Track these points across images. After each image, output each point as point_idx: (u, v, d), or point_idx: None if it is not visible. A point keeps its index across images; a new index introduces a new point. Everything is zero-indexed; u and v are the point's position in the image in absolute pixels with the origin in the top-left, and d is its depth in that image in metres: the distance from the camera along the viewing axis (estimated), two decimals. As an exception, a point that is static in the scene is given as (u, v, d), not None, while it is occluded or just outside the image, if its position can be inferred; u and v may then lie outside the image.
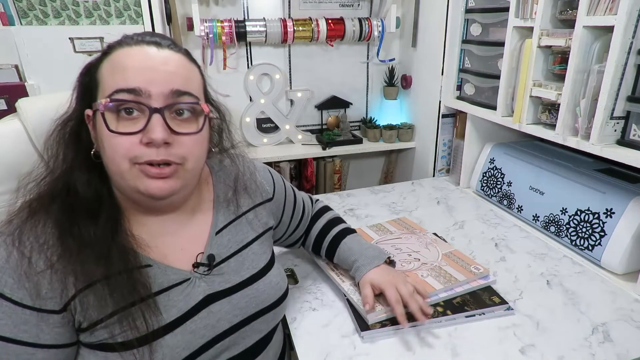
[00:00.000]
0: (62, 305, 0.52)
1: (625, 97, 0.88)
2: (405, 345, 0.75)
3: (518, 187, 1.23)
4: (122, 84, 0.52)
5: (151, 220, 0.62)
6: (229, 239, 0.67)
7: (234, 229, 0.69)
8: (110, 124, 0.52)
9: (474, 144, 1.43)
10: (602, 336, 0.77)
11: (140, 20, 1.44)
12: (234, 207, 0.70)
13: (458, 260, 0.94)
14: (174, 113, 0.55)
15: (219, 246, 0.66)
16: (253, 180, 0.74)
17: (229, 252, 0.66)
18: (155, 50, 0.55)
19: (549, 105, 1.07)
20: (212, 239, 0.66)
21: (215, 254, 0.64)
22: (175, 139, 0.54)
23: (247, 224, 0.71)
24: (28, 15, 1.35)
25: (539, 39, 1.04)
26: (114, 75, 0.54)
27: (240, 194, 0.72)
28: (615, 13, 0.83)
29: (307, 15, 1.65)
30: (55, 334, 0.53)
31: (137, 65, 0.53)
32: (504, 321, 0.81)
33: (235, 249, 0.67)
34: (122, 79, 0.53)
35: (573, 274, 0.96)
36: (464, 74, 1.43)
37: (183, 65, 0.57)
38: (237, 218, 0.70)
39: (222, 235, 0.67)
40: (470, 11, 1.35)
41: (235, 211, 0.70)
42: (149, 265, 0.59)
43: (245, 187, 0.72)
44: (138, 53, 0.55)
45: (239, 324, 0.64)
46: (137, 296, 0.54)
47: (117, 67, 0.54)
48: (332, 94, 1.83)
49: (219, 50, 1.61)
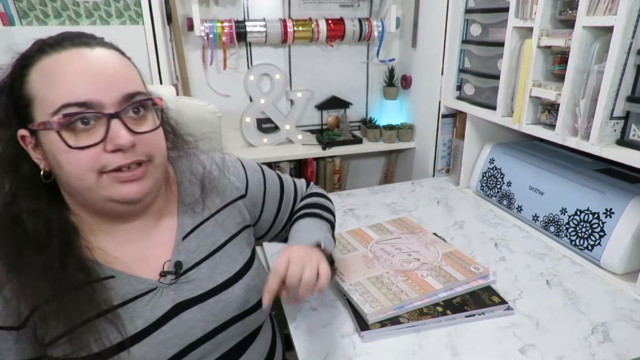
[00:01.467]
0: (20, 322, 0.52)
1: (624, 97, 0.88)
2: (405, 345, 0.76)
3: (518, 187, 1.23)
4: (68, 98, 0.49)
5: (116, 229, 0.59)
6: (198, 243, 0.64)
7: (203, 232, 0.65)
8: (68, 139, 0.49)
9: (473, 144, 1.43)
10: (601, 336, 0.77)
11: (141, 21, 1.44)
12: (201, 209, 0.66)
13: (458, 260, 0.94)
14: (130, 113, 0.53)
15: (187, 252, 0.63)
16: (222, 177, 0.70)
17: (200, 257, 0.63)
18: (88, 51, 0.52)
19: (548, 105, 1.07)
20: (179, 245, 0.62)
21: (183, 261, 0.62)
22: (138, 139, 0.52)
23: (217, 225, 0.67)
24: (28, 16, 1.35)
25: (539, 39, 1.04)
26: (55, 88, 0.49)
27: (208, 194, 0.67)
28: (615, 13, 0.83)
29: (307, 15, 1.66)
30: (16, 349, 0.53)
31: (77, 74, 0.50)
32: (504, 321, 0.81)
33: (206, 253, 0.64)
34: (65, 92, 0.49)
35: (573, 274, 0.96)
36: (464, 74, 1.44)
37: (121, 64, 0.54)
38: (206, 220, 0.66)
39: (190, 240, 0.64)
40: (470, 11, 1.35)
41: (202, 213, 0.66)
42: (111, 277, 0.57)
43: (213, 186, 0.68)
44: (72, 59, 0.50)
45: (214, 331, 0.62)
46: (96, 310, 0.53)
47: (53, 79, 0.49)
48: (332, 94, 1.83)
49: (219, 51, 1.61)
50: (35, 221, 0.53)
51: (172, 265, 0.61)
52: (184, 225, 0.64)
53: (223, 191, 0.69)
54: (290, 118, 1.77)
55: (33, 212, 0.53)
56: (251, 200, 0.74)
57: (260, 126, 1.77)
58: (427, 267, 0.92)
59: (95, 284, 0.55)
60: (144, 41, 1.42)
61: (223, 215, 0.68)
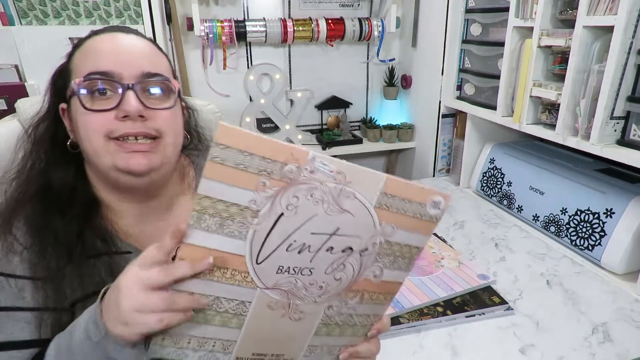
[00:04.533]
0: (40, 275, 0.54)
1: (625, 97, 0.88)
2: (405, 345, 0.75)
3: (518, 187, 1.23)
4: (93, 67, 0.54)
5: (130, 208, 0.62)
6: None
7: None
8: (85, 102, 0.54)
9: (474, 144, 1.43)
10: (602, 336, 0.77)
11: (140, 20, 1.44)
12: None
13: (405, 192, 0.47)
14: (146, 92, 0.56)
15: None
16: None
17: None
18: (122, 35, 0.58)
19: (549, 105, 1.07)
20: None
21: None
22: (149, 114, 0.55)
23: None
24: (28, 15, 1.35)
25: (539, 39, 1.04)
26: (86, 61, 0.56)
27: None
28: (615, 13, 0.83)
29: (307, 15, 1.65)
30: (33, 298, 0.55)
31: (106, 49, 0.56)
32: (504, 321, 0.81)
33: None
34: (93, 62, 0.55)
35: (573, 274, 0.96)
36: (464, 74, 1.43)
37: (150, 50, 0.59)
38: None
39: None
40: (470, 11, 1.35)
41: None
42: (129, 252, 0.60)
43: None
44: (106, 39, 0.57)
45: None
46: (112, 281, 0.55)
47: (87, 53, 0.56)
48: (332, 94, 1.83)
49: (219, 50, 1.61)
50: (63, 185, 0.58)
51: None
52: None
53: None
54: (290, 118, 1.77)
55: (62, 177, 0.58)
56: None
57: (260, 126, 1.77)
58: (369, 253, 0.48)
59: (116, 256, 0.58)
60: (143, 41, 1.42)
61: None
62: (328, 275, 0.48)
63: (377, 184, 0.45)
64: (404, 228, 0.48)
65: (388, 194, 0.45)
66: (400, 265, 0.51)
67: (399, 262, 0.51)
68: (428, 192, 0.47)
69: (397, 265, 0.51)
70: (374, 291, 0.52)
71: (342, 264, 0.48)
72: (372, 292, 0.52)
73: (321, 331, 0.53)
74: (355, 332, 0.56)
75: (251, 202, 0.41)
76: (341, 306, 0.52)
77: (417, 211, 0.48)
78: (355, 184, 0.44)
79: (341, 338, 0.55)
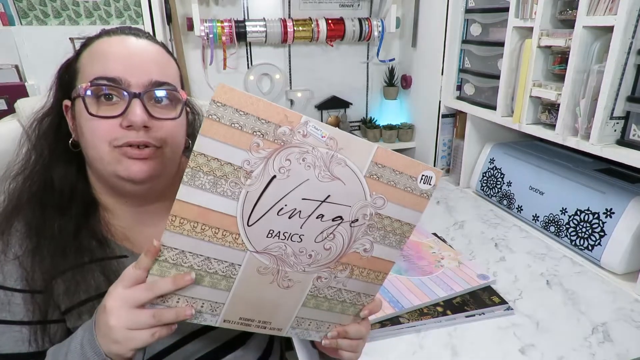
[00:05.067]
0: (34, 287, 0.54)
1: (625, 97, 0.88)
2: (405, 345, 0.75)
3: (518, 187, 1.23)
4: (102, 72, 0.53)
5: (129, 212, 0.62)
6: None
7: None
8: (91, 107, 0.53)
9: (473, 144, 1.43)
10: (602, 336, 0.77)
11: (140, 21, 1.44)
12: None
13: (395, 162, 0.47)
14: (152, 100, 0.55)
15: None
16: None
17: None
18: (133, 39, 0.56)
19: (548, 105, 1.07)
20: None
21: None
22: (154, 124, 0.55)
23: None
24: (28, 16, 1.35)
25: (539, 39, 1.04)
26: (94, 63, 0.55)
27: None
28: (615, 13, 0.83)
29: (307, 15, 1.65)
30: (25, 311, 0.54)
31: (116, 53, 0.54)
32: (504, 321, 0.81)
33: None
34: (102, 67, 0.54)
35: (573, 274, 0.96)
36: (464, 74, 1.43)
37: (161, 55, 0.58)
38: None
39: None
40: (470, 11, 1.35)
41: None
42: (124, 256, 0.59)
43: None
44: (117, 42, 0.56)
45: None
46: (107, 286, 0.54)
47: (96, 55, 0.55)
48: (332, 94, 1.83)
49: (219, 50, 1.61)
50: (64, 184, 0.58)
51: None
52: None
53: None
54: (290, 118, 1.76)
55: (63, 176, 0.58)
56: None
57: (260, 126, 1.77)
58: (359, 225, 0.49)
59: (111, 260, 0.58)
60: (143, 41, 1.42)
61: None
62: (318, 244, 0.48)
63: (369, 152, 0.45)
64: (395, 201, 0.49)
65: (379, 164, 0.46)
66: (391, 241, 0.52)
67: (390, 238, 0.51)
68: (418, 166, 0.48)
69: (388, 241, 0.51)
70: (364, 267, 0.52)
71: (332, 233, 0.48)
72: (362, 267, 0.52)
73: (309, 303, 0.53)
74: (345, 309, 0.56)
75: (245, 163, 0.42)
76: (330, 279, 0.52)
77: (408, 185, 0.48)
78: (347, 150, 0.44)
79: (330, 314, 0.55)
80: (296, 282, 0.50)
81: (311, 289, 0.52)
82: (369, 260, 0.52)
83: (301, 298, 0.52)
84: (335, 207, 0.46)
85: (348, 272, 0.52)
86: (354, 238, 0.49)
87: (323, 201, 0.46)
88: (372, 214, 0.49)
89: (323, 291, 0.53)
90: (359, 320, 0.57)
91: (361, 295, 0.55)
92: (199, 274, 0.46)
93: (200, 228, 0.44)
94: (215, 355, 0.65)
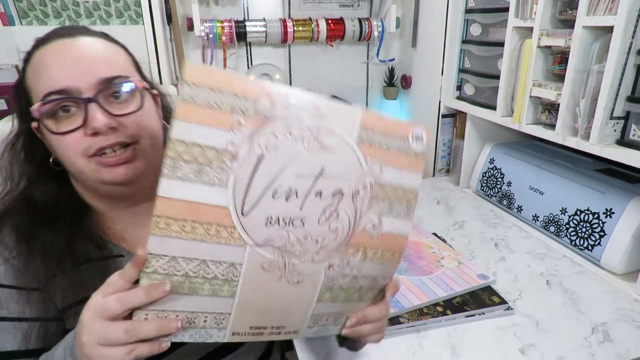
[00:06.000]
0: (31, 285, 0.53)
1: (625, 97, 0.88)
2: (405, 345, 0.75)
3: (518, 187, 1.23)
4: (48, 87, 0.50)
5: (122, 214, 0.61)
6: None
7: None
8: (51, 127, 0.51)
9: (473, 144, 1.43)
10: (602, 336, 0.77)
11: (141, 21, 1.44)
12: None
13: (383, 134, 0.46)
14: (109, 98, 0.53)
15: None
16: None
17: None
18: (69, 40, 0.53)
19: (548, 105, 1.07)
20: None
21: None
22: (119, 121, 0.53)
23: None
24: (28, 16, 1.35)
25: (539, 39, 1.04)
26: (39, 79, 0.52)
27: None
28: (615, 13, 0.83)
29: (307, 15, 1.65)
30: (21, 308, 0.54)
31: (56, 62, 0.51)
32: (504, 321, 0.81)
33: None
34: (47, 81, 0.51)
35: (573, 274, 0.96)
36: (464, 74, 1.43)
37: (103, 49, 0.55)
38: None
39: None
40: (470, 11, 1.35)
41: None
42: (121, 256, 0.59)
43: None
44: (54, 50, 0.52)
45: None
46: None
47: (38, 70, 0.52)
48: (332, 94, 1.83)
49: (219, 51, 1.61)
50: (47, 201, 0.56)
51: None
52: None
53: None
54: (290, 118, 1.76)
55: (45, 191, 0.57)
56: None
57: (260, 126, 1.77)
58: (361, 198, 0.46)
59: (108, 260, 0.57)
60: (144, 41, 1.42)
61: None
62: (322, 227, 0.44)
63: (354, 117, 0.43)
64: (392, 165, 0.46)
65: (367, 129, 0.44)
66: (398, 212, 0.48)
67: (397, 207, 0.48)
68: (407, 125, 0.46)
69: (396, 211, 0.48)
70: (377, 247, 0.48)
71: (335, 211, 0.44)
72: (375, 248, 0.48)
73: (325, 297, 0.48)
74: (362, 296, 0.51)
75: (228, 144, 0.38)
76: (343, 266, 0.47)
77: (401, 147, 0.46)
78: (332, 118, 0.42)
79: (347, 304, 0.50)
80: (307, 276, 0.46)
81: (324, 282, 0.47)
82: (380, 238, 0.48)
83: (315, 293, 0.47)
84: (333, 182, 0.43)
85: (361, 256, 0.48)
86: (359, 214, 0.46)
87: (318, 176, 0.42)
88: (372, 184, 0.46)
89: (337, 281, 0.48)
90: (376, 301, 0.54)
91: (378, 279, 0.51)
92: (196, 282, 0.41)
93: (190, 226, 0.39)
94: (216, 356, 0.65)
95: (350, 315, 0.52)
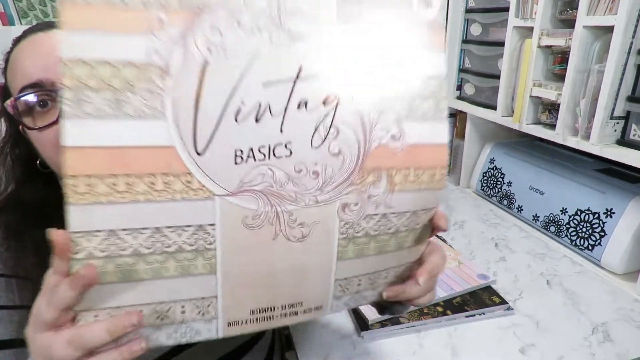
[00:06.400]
0: (21, 274, 0.53)
1: (625, 97, 0.88)
2: (405, 345, 0.75)
3: (518, 187, 1.23)
4: (23, 81, 0.50)
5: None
6: None
7: None
8: (29, 123, 0.51)
9: (474, 144, 1.43)
10: (602, 336, 0.77)
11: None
12: None
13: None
14: None
15: None
16: None
17: None
18: (41, 34, 0.52)
19: (549, 105, 1.07)
20: None
21: None
22: None
23: None
24: (28, 15, 1.35)
25: (539, 39, 1.04)
26: (14, 77, 0.52)
27: None
28: (615, 13, 0.83)
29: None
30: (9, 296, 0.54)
31: (29, 57, 0.51)
32: (504, 321, 0.81)
33: None
34: (21, 76, 0.50)
35: (573, 274, 0.96)
36: (464, 74, 1.43)
37: None
38: None
39: None
40: (470, 11, 1.35)
41: None
42: None
43: None
44: (27, 45, 0.52)
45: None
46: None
47: (14, 68, 0.52)
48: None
49: (219, 50, 1.61)
50: (35, 199, 0.56)
51: None
52: None
53: None
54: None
55: (34, 190, 0.57)
56: None
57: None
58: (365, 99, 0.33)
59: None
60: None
61: None
62: (319, 151, 0.30)
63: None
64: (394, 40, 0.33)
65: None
66: (424, 111, 0.34)
67: (419, 105, 0.34)
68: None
69: (420, 111, 0.33)
70: (406, 166, 0.34)
71: (332, 126, 0.30)
72: (403, 168, 0.34)
73: (348, 252, 0.34)
74: (401, 242, 0.37)
75: (152, 54, 0.26)
76: (363, 202, 0.33)
77: (402, 14, 0.34)
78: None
79: (383, 257, 0.36)
80: (313, 225, 0.32)
81: (341, 230, 0.33)
82: (407, 153, 0.33)
83: (332, 249, 0.33)
84: (319, 84, 0.30)
85: (386, 184, 0.33)
86: (367, 123, 0.31)
87: (296, 78, 0.29)
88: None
89: (360, 227, 0.33)
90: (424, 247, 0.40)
91: (418, 213, 0.37)
92: (154, 260, 0.29)
93: (125, 183, 0.27)
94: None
95: (392, 271, 0.38)
